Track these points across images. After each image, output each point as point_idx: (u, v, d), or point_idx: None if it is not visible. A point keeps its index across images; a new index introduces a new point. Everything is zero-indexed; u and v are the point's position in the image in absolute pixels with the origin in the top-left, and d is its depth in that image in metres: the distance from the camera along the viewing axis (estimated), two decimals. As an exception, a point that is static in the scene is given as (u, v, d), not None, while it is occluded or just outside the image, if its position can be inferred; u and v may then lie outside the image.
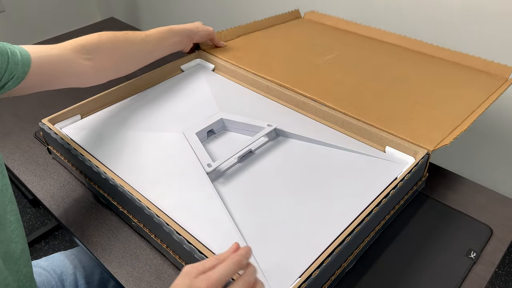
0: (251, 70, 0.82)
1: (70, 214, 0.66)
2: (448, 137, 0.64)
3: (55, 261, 0.73)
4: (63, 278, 0.70)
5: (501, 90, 0.75)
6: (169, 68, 0.86)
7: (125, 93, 0.80)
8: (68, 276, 0.71)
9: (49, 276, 0.70)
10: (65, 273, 0.71)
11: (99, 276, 0.73)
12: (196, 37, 0.85)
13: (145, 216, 0.56)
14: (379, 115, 0.69)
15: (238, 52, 0.88)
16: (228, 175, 0.62)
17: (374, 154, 0.65)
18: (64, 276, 0.71)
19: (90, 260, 0.74)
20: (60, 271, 0.71)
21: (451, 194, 0.69)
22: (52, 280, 0.69)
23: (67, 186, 0.71)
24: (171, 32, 0.80)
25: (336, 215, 0.56)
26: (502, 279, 1.30)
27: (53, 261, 0.73)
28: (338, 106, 0.71)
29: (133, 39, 0.73)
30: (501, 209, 0.66)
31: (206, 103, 0.76)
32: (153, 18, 2.06)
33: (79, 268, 0.72)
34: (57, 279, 0.70)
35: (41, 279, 0.69)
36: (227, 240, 0.52)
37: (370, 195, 0.58)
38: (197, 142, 0.66)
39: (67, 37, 0.69)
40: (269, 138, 0.69)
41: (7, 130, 0.85)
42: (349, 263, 0.56)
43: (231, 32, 0.94)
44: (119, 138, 0.69)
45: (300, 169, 0.63)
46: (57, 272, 0.71)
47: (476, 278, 0.56)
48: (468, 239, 0.61)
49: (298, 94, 0.75)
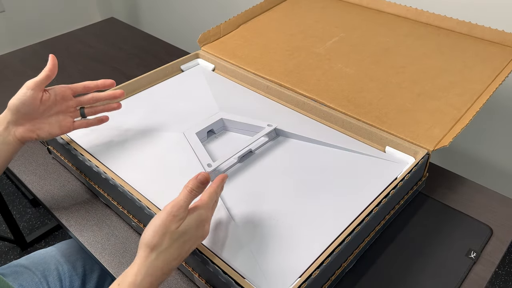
0: (251, 70, 0.82)
1: (70, 214, 0.66)
2: (449, 134, 0.64)
3: (35, 259, 0.73)
4: (46, 274, 0.70)
5: (510, 67, 0.74)
6: (169, 68, 0.86)
7: (125, 93, 0.79)
8: (51, 272, 0.71)
9: (32, 274, 0.70)
10: (47, 269, 0.71)
11: (82, 268, 0.73)
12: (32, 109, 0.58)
13: (145, 216, 0.56)
14: (379, 113, 0.69)
15: (238, 51, 0.88)
16: (228, 175, 0.62)
17: (374, 154, 0.65)
18: (47, 272, 0.71)
19: (72, 253, 0.74)
20: (42, 267, 0.71)
21: (451, 194, 0.69)
22: (35, 277, 0.69)
23: (67, 186, 0.71)
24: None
25: (336, 215, 0.56)
26: (502, 279, 1.30)
27: (33, 259, 0.73)
28: (338, 105, 0.71)
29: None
30: (501, 209, 0.66)
31: (206, 103, 0.76)
32: (153, 18, 2.06)
33: (61, 262, 0.72)
34: (40, 275, 0.70)
35: (24, 278, 0.69)
36: (227, 239, 0.52)
37: (370, 195, 0.58)
38: (197, 142, 0.66)
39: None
40: (269, 138, 0.69)
41: (7, 130, 0.84)
42: (349, 263, 0.56)
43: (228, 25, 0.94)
44: (119, 138, 0.69)
45: (300, 169, 0.63)
46: (39, 269, 0.71)
47: (476, 278, 0.56)
48: (468, 239, 0.61)
49: (298, 94, 0.75)
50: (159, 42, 1.17)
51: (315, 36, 0.89)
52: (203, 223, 0.48)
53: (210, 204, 0.49)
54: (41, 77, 0.58)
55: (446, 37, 0.84)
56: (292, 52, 0.86)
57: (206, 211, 0.48)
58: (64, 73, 1.03)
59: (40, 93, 0.58)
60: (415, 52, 0.81)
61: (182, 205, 0.45)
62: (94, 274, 0.74)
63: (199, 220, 0.47)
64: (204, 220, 0.48)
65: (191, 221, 0.46)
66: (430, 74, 0.76)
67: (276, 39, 0.90)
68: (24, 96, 0.57)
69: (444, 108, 0.68)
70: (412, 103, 0.70)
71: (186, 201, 0.46)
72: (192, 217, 0.46)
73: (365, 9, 0.97)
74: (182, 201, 0.46)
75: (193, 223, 0.46)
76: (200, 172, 0.47)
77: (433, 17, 0.88)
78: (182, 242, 0.45)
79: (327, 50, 0.85)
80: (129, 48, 1.14)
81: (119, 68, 1.05)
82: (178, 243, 0.45)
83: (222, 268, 0.48)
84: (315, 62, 0.82)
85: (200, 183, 0.47)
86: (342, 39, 0.88)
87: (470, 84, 0.72)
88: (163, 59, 1.08)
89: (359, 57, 0.82)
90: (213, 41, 0.92)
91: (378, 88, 0.74)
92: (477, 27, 0.83)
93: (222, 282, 0.48)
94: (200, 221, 0.47)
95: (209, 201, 0.48)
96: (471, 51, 0.80)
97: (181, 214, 0.45)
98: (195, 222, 0.46)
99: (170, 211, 0.45)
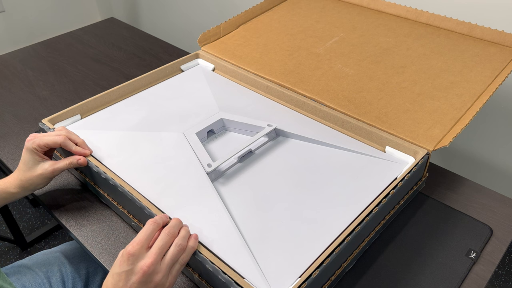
0: (251, 70, 0.82)
1: (70, 214, 0.66)
2: (449, 134, 0.64)
3: (39, 260, 0.73)
4: (49, 275, 0.70)
5: (510, 68, 0.74)
6: (169, 68, 0.86)
7: (125, 93, 0.80)
8: (54, 273, 0.71)
9: (35, 275, 0.70)
10: (50, 270, 0.71)
11: (85, 270, 0.73)
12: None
13: (145, 216, 0.56)
14: (379, 113, 0.69)
15: (238, 51, 0.88)
16: (228, 175, 0.62)
17: (374, 154, 0.65)
18: (50, 273, 0.71)
19: (75, 255, 0.74)
20: (45, 268, 0.71)
21: (451, 194, 0.69)
22: (38, 278, 0.70)
23: (67, 186, 0.71)
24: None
25: (336, 215, 0.56)
26: (502, 279, 1.30)
27: (37, 260, 0.73)
28: (338, 105, 0.71)
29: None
30: (501, 209, 0.66)
31: (206, 103, 0.76)
32: (153, 18, 2.06)
33: (64, 264, 0.72)
34: (43, 276, 0.70)
35: (27, 278, 0.69)
36: (227, 240, 0.52)
37: (370, 195, 0.58)
38: (197, 142, 0.66)
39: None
40: (269, 138, 0.69)
41: (7, 130, 0.85)
42: (349, 263, 0.56)
43: (228, 25, 0.94)
44: (119, 138, 0.69)
45: (300, 169, 0.63)
46: (42, 270, 0.71)
47: (476, 278, 0.56)
48: (468, 239, 0.61)
49: (298, 94, 0.75)
50: (159, 42, 1.17)
51: (315, 36, 0.89)
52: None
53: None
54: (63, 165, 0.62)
55: (446, 38, 0.85)
56: (292, 52, 0.86)
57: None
58: (64, 73, 1.03)
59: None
60: (415, 52, 0.81)
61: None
62: (97, 277, 0.74)
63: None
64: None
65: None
66: (430, 74, 0.76)
67: (276, 39, 0.90)
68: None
69: (444, 108, 0.68)
70: (412, 103, 0.70)
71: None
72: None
73: (365, 9, 0.97)
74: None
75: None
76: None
77: (433, 17, 0.88)
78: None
79: (327, 50, 0.85)
80: (129, 48, 1.14)
81: (119, 68, 1.05)
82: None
83: (222, 268, 0.48)
84: (315, 62, 0.82)
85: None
86: (342, 39, 0.88)
87: (470, 84, 0.72)
88: (163, 59, 1.08)
89: (359, 57, 0.82)
90: (213, 41, 0.92)
91: (378, 88, 0.74)
92: (477, 27, 0.83)
93: (222, 282, 0.48)
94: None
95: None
96: (471, 52, 0.80)
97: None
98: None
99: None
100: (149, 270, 0.45)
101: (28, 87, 0.97)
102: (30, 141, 0.60)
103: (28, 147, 0.60)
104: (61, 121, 0.72)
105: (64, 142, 0.61)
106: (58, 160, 0.62)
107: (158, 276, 0.46)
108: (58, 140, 0.60)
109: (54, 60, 1.08)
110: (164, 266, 0.47)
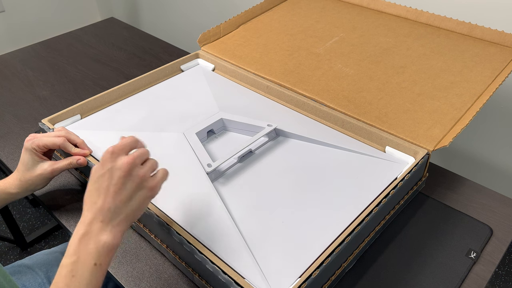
0: (251, 70, 0.82)
1: (70, 214, 0.66)
2: (449, 134, 0.64)
3: (39, 260, 0.73)
4: (49, 275, 0.70)
5: (510, 68, 0.74)
6: (169, 68, 0.86)
7: (125, 93, 0.80)
8: (54, 273, 0.71)
9: (35, 274, 0.70)
10: (50, 270, 0.71)
11: None
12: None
13: (145, 216, 0.56)
14: (379, 113, 0.69)
15: (238, 51, 0.88)
16: (228, 175, 0.62)
17: (374, 154, 0.65)
18: (50, 273, 0.71)
19: None
20: (45, 268, 0.71)
21: (451, 194, 0.69)
22: (38, 278, 0.69)
23: (67, 186, 0.71)
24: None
25: (336, 215, 0.56)
26: (502, 279, 1.30)
27: (37, 260, 0.73)
28: (338, 105, 0.71)
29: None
30: (501, 209, 0.66)
31: (206, 103, 0.76)
32: (153, 18, 2.06)
33: None
34: (43, 276, 0.70)
35: (27, 278, 0.69)
36: (227, 240, 0.52)
37: (370, 195, 0.58)
38: (197, 142, 0.66)
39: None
40: (269, 138, 0.69)
41: (7, 130, 0.85)
42: (349, 263, 0.56)
43: (228, 25, 0.94)
44: (119, 138, 0.68)
45: (300, 169, 0.63)
46: (42, 270, 0.71)
47: (476, 278, 0.56)
48: (468, 239, 0.61)
49: (298, 94, 0.75)
50: (159, 42, 1.18)
51: (315, 36, 0.89)
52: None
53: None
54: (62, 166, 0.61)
55: (446, 38, 0.85)
56: (292, 52, 0.86)
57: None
58: (64, 73, 1.03)
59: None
60: (415, 52, 0.81)
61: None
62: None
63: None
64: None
65: None
66: (430, 74, 0.76)
67: (276, 39, 0.90)
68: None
69: (444, 108, 0.68)
70: (412, 103, 0.70)
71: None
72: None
73: (365, 9, 0.97)
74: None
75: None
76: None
77: (433, 17, 0.88)
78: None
79: (327, 50, 0.85)
80: (129, 48, 1.14)
81: (119, 68, 1.05)
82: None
83: (222, 268, 0.48)
84: (315, 62, 0.82)
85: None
86: (342, 39, 0.88)
87: (470, 84, 0.72)
88: (163, 59, 1.08)
89: (359, 57, 0.82)
90: (213, 41, 0.92)
91: (378, 88, 0.74)
92: (477, 27, 0.83)
93: (222, 282, 0.48)
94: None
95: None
96: (471, 52, 0.80)
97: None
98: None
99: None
100: (133, 162, 0.44)
101: (28, 87, 0.97)
102: (29, 142, 0.60)
103: (27, 147, 0.60)
104: (61, 121, 0.72)
105: (63, 144, 0.61)
106: (58, 161, 0.62)
107: (143, 170, 0.45)
108: (57, 142, 0.60)
109: (54, 60, 1.08)
110: (148, 164, 0.46)
